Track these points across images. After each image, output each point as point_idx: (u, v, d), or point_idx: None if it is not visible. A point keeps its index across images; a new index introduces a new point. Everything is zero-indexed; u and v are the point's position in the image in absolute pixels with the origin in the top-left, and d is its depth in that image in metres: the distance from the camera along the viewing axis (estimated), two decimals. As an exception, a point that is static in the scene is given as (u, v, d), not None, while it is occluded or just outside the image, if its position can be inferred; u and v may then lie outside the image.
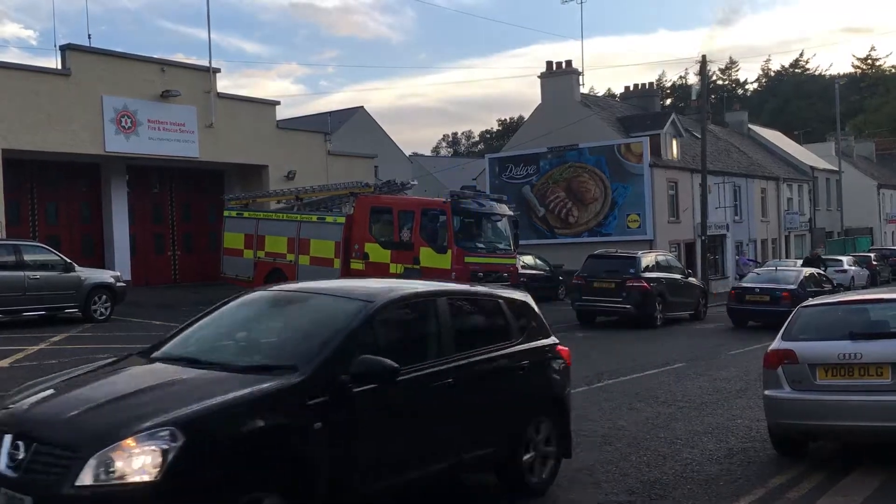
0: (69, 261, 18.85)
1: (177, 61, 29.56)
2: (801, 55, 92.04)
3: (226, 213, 25.59)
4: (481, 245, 20.43)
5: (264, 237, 23.72)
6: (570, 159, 36.37)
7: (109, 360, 6.29)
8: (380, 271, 20.12)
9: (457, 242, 19.67)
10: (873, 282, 39.04)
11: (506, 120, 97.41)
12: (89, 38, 28.32)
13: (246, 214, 24.85)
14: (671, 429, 9.41)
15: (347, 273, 21.08)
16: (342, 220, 22.20)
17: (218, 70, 28.41)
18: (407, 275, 18.88)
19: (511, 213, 21.72)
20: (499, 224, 21.30)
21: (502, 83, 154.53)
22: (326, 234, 22.23)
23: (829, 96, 67.32)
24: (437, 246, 19.73)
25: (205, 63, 28.44)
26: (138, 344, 15.70)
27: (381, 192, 22.64)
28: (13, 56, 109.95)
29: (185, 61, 31.66)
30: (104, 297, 19.09)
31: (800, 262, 35.64)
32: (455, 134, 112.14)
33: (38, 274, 17.89)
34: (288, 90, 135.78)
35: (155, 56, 27.87)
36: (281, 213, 24.49)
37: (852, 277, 37.09)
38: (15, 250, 18.04)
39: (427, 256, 19.77)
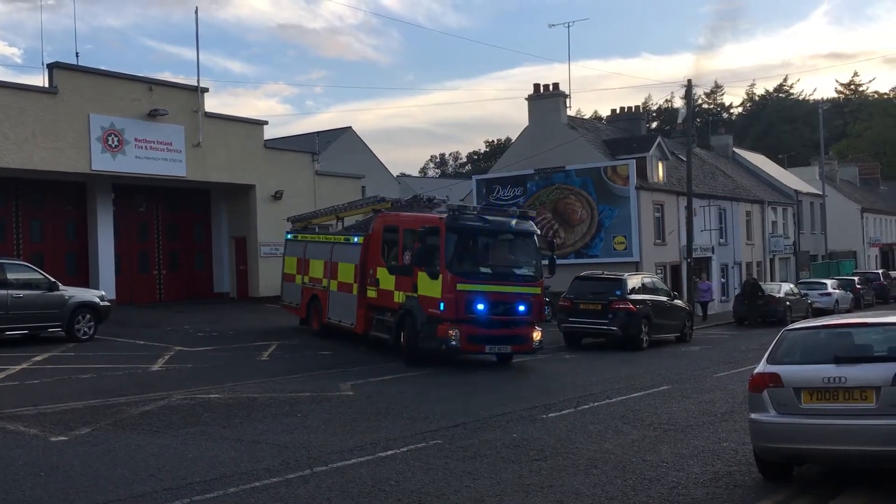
0: (53, 279, 18.72)
1: (164, 80, 29.59)
2: (786, 80, 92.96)
3: (287, 236, 24.12)
4: (486, 269, 16.87)
5: (309, 261, 21.97)
6: (556, 181, 36.49)
7: None
8: (387, 300, 18.07)
9: (449, 267, 16.27)
10: (857, 305, 39.29)
11: (493, 141, 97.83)
12: (77, 56, 28.44)
13: (299, 237, 23.26)
14: (657, 452, 9.40)
15: (363, 301, 18.97)
16: (361, 240, 19.60)
17: (206, 89, 28.45)
18: (408, 304, 17.00)
19: (534, 229, 17.98)
20: (516, 243, 17.74)
21: (488, 105, 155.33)
22: (349, 257, 19.89)
23: (813, 121, 68.04)
24: (431, 271, 16.53)
25: (192, 82, 28.44)
26: (122, 364, 15.65)
27: (403, 209, 19.44)
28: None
29: (173, 80, 31.61)
30: (88, 316, 18.95)
31: (784, 284, 35.90)
32: (443, 155, 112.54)
33: (22, 293, 17.75)
34: (274, 110, 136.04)
35: (142, 75, 27.77)
36: (320, 235, 22.48)
37: (836, 301, 37.31)
38: (-2, 268, 17.89)
39: (424, 283, 16.71)
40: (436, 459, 8.87)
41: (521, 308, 16.87)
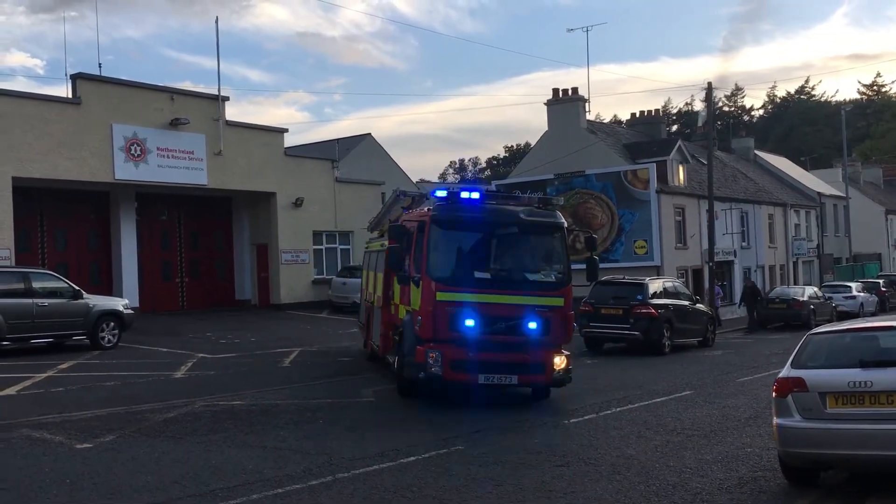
0: (77, 288, 18.91)
1: (186, 90, 29.84)
2: (807, 82, 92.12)
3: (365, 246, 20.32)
4: (482, 274, 12.63)
5: (370, 274, 18.56)
6: (576, 186, 36.40)
7: None
8: (396, 316, 14.52)
9: (430, 271, 12.35)
10: (882, 308, 38.83)
11: (512, 146, 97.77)
12: (100, 66, 28.76)
13: (367, 246, 19.85)
14: (680, 457, 9.33)
15: (385, 317, 15.68)
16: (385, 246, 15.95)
17: (227, 98, 28.68)
18: (406, 321, 13.26)
19: (558, 221, 13.34)
20: (530, 240, 13.36)
21: (506, 110, 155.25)
22: (381, 265, 16.48)
23: (835, 122, 67.44)
24: (402, 276, 13.33)
25: (212, 91, 28.70)
26: (146, 371, 15.77)
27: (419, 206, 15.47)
28: (21, 85, 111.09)
29: (194, 89, 31.90)
30: (112, 324, 19.12)
31: (808, 288, 35.56)
32: (462, 160, 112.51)
33: (47, 301, 17.96)
34: (294, 117, 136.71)
35: (163, 84, 28.05)
36: (375, 243, 18.85)
37: (861, 304, 36.89)
38: (24, 278, 18.14)
39: (415, 294, 12.90)
40: (457, 465, 8.86)
41: (533, 325, 12.34)
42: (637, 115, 45.81)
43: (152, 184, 26.46)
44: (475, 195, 12.87)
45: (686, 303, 23.80)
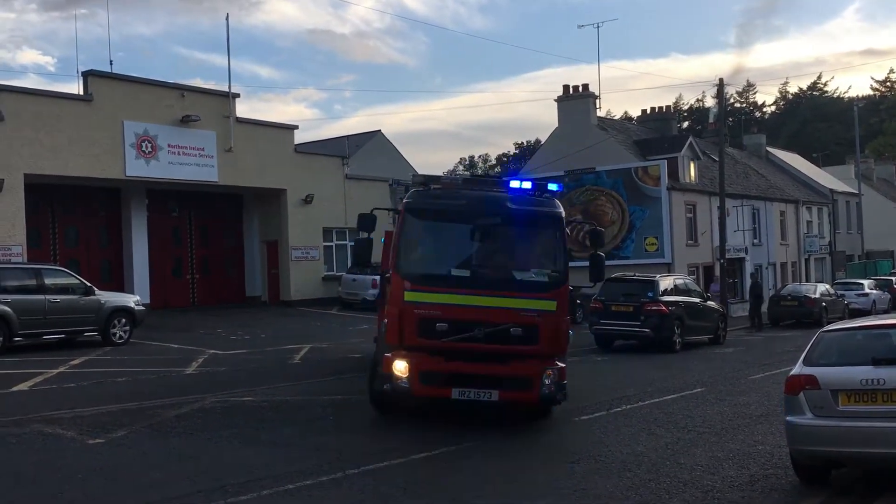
0: (89, 284, 19.00)
1: (196, 87, 29.94)
2: (819, 78, 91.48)
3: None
4: (460, 272, 10.89)
5: None
6: (587, 182, 36.32)
7: None
8: (379, 319, 12.78)
9: (399, 267, 10.79)
10: (895, 305, 38.59)
11: (522, 143, 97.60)
12: (111, 63, 28.87)
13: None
14: (691, 455, 9.30)
15: (380, 316, 12.95)
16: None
17: (237, 95, 28.74)
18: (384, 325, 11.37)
19: (554, 210, 11.30)
20: (520, 232, 11.51)
21: (516, 107, 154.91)
22: None
23: (847, 119, 67.01)
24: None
25: (223, 88, 28.77)
26: (157, 367, 15.84)
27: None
28: (33, 82, 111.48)
29: (205, 86, 32.00)
30: (123, 320, 19.21)
31: (820, 285, 35.38)
32: (472, 157, 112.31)
33: (59, 297, 18.05)
34: (303, 114, 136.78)
35: (174, 82, 28.12)
36: None
37: (874, 301, 36.70)
38: (36, 274, 18.24)
39: (388, 295, 11.23)
40: (468, 462, 8.86)
41: (517, 332, 10.43)
42: (648, 111, 45.65)
43: (163, 181, 26.55)
44: (458, 180, 11.52)
45: (697, 300, 23.72)
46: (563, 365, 10.92)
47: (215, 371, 15.88)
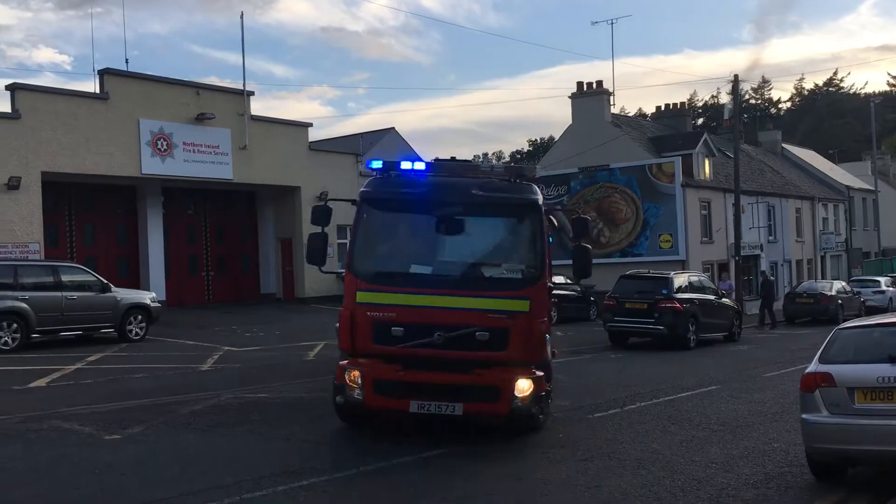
0: (105, 281, 19.15)
1: (211, 84, 30.06)
2: (835, 74, 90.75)
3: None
4: (421, 268, 9.91)
5: None
6: (601, 179, 36.24)
7: None
8: None
9: (352, 265, 9.78)
10: (912, 303, 38.30)
11: (536, 140, 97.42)
12: (126, 62, 29.01)
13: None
14: (706, 452, 9.28)
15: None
16: None
17: (252, 93, 28.85)
18: None
19: (531, 197, 9.97)
20: (488, 222, 10.24)
21: (529, 104, 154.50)
22: None
23: (864, 115, 66.48)
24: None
25: (238, 86, 28.89)
26: (172, 364, 15.93)
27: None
28: (49, 80, 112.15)
29: (220, 84, 32.14)
30: (139, 317, 19.35)
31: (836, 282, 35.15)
32: (485, 154, 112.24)
33: (76, 294, 18.19)
34: (317, 112, 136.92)
35: (189, 80, 28.25)
36: None
37: (890, 298, 36.46)
38: (53, 271, 18.39)
39: (344, 292, 10.10)
40: (481, 460, 8.87)
41: (483, 336, 9.19)
42: (662, 108, 45.47)
43: (178, 178, 26.69)
44: (420, 165, 10.21)
45: (712, 297, 23.63)
46: (541, 374, 9.51)
47: (230, 368, 15.96)
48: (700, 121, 79.42)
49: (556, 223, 10.74)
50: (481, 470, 8.43)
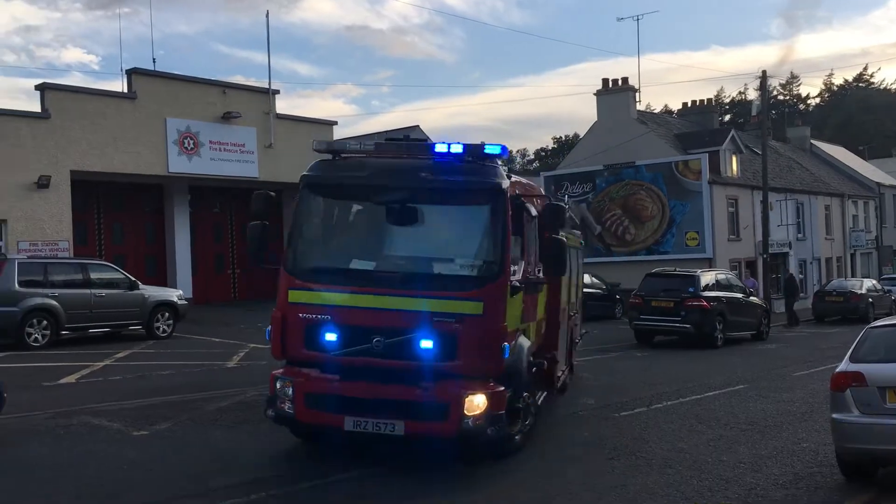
0: (133, 279, 19.35)
1: (237, 84, 30.24)
2: (865, 69, 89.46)
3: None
4: (363, 264, 8.61)
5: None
6: (626, 177, 36.03)
7: None
8: None
9: (288, 258, 8.68)
10: (945, 301, 37.68)
11: (561, 137, 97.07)
12: (154, 62, 29.23)
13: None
14: (734, 452, 9.18)
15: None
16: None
17: (277, 92, 28.98)
18: None
19: (493, 180, 8.45)
20: (441, 210, 8.80)
21: (554, 101, 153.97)
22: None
23: (894, 110, 65.57)
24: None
25: (263, 85, 29.03)
26: (199, 361, 16.06)
27: None
28: (77, 80, 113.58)
29: (245, 83, 32.35)
30: (167, 314, 19.54)
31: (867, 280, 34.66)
32: (510, 152, 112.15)
33: (104, 292, 18.40)
34: (342, 110, 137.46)
35: (215, 79, 28.45)
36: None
37: (922, 297, 35.86)
38: (82, 269, 18.63)
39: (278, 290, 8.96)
40: (505, 458, 8.82)
41: (428, 343, 7.93)
42: (688, 104, 45.07)
43: (205, 177, 26.89)
44: (369, 146, 8.96)
45: (739, 295, 23.42)
46: (501, 389, 8.09)
47: (256, 365, 16.04)
48: (727, 117, 78.69)
49: (533, 212, 9.28)
50: (504, 468, 8.40)
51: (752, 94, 68.31)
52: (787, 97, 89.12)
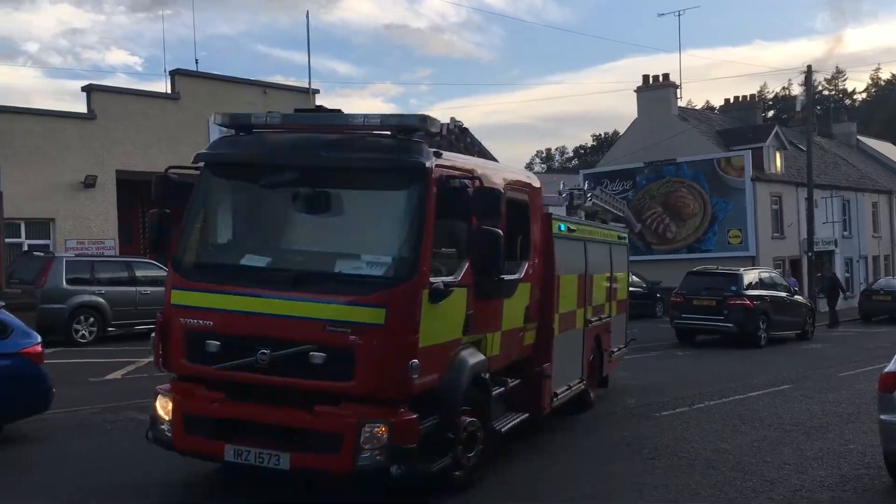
0: (177, 277, 19.64)
1: (277, 83, 30.54)
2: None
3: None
4: (255, 260, 7.17)
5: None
6: (667, 174, 35.68)
7: None
8: None
9: (176, 255, 7.43)
10: None
11: (600, 135, 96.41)
12: (196, 62, 29.61)
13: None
14: (778, 453, 9.04)
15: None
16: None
17: (317, 91, 29.20)
18: None
19: (404, 155, 6.82)
20: (347, 192, 7.20)
21: (593, 98, 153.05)
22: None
23: (945, 105, 63.90)
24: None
25: (303, 84, 29.28)
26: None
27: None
28: (121, 81, 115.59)
29: (285, 83, 32.66)
30: (209, 311, 19.79)
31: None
32: (548, 150, 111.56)
33: (149, 289, 18.72)
34: (380, 109, 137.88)
35: (256, 79, 28.77)
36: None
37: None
38: (128, 266, 19.03)
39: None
40: (544, 457, 8.81)
41: (318, 358, 6.48)
42: (731, 100, 44.47)
43: (246, 176, 27.18)
44: (276, 118, 7.48)
45: (783, 294, 23.07)
46: (413, 417, 6.46)
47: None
48: (770, 113, 77.47)
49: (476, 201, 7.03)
50: (544, 466, 8.37)
51: (797, 90, 67.30)
52: (833, 92, 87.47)
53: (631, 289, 26.33)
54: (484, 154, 10.44)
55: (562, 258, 9.57)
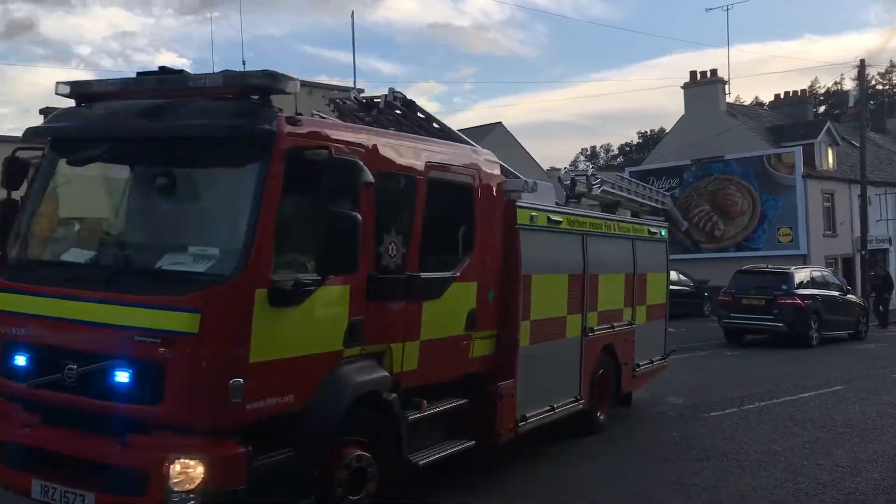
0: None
1: (322, 83, 30.87)
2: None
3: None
4: (81, 254, 6.12)
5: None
6: (715, 171, 35.18)
7: None
8: None
9: (2, 254, 6.12)
10: None
11: (646, 132, 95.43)
12: (244, 64, 29.93)
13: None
14: (831, 455, 8.84)
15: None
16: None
17: (361, 91, 29.31)
18: None
19: (255, 121, 5.57)
20: (173, 170, 5.61)
21: (638, 95, 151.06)
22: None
23: None
24: None
25: (348, 84, 29.52)
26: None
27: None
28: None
29: (330, 83, 32.97)
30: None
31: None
32: (593, 147, 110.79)
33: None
34: (424, 108, 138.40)
35: (302, 79, 29.08)
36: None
37: None
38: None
39: None
40: (591, 458, 8.75)
41: (122, 375, 5.19)
42: (781, 96, 43.63)
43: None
44: (114, 85, 6.16)
45: (836, 293, 22.59)
46: (240, 451, 5.13)
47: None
48: (822, 108, 75.88)
49: (402, 180, 6.56)
50: (590, 468, 8.31)
51: (849, 84, 65.60)
52: (887, 87, 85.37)
53: (677, 288, 26.38)
54: (442, 131, 8.93)
55: (534, 254, 7.95)
